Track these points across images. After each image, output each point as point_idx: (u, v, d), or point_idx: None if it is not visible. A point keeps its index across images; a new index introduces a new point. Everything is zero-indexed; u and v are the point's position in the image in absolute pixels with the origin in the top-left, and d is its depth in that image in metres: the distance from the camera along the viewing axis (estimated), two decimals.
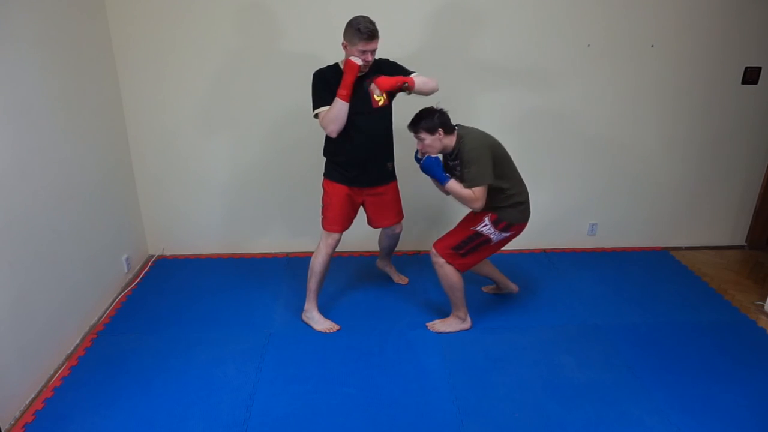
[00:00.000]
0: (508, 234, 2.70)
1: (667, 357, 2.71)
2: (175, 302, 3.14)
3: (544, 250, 3.84)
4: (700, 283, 3.43)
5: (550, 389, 2.49)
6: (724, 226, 3.90)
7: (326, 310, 3.02)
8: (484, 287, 3.30)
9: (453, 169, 2.62)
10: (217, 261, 3.65)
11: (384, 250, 3.28)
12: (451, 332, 2.88)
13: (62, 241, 2.64)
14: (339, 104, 2.49)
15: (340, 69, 2.55)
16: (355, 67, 2.45)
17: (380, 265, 3.42)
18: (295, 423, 2.28)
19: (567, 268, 3.58)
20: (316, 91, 2.57)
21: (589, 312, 3.09)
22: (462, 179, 2.54)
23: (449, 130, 2.55)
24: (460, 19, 3.21)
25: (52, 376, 2.53)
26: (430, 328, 2.91)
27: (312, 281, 2.87)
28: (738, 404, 2.41)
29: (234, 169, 3.50)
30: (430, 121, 2.50)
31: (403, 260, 3.61)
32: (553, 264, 3.65)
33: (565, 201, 3.71)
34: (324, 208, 2.82)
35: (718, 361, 2.69)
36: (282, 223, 3.68)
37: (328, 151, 2.77)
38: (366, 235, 3.31)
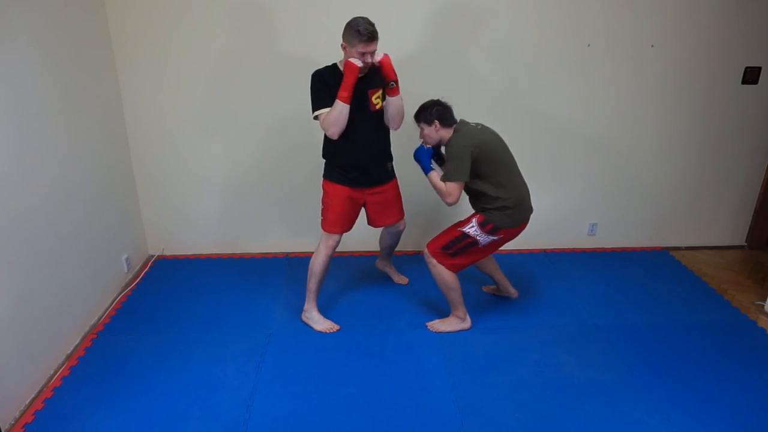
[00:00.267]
0: (496, 237, 2.67)
1: (667, 357, 2.71)
2: (175, 302, 3.14)
3: (544, 250, 3.84)
4: (700, 283, 3.43)
5: (550, 389, 2.49)
6: (724, 226, 3.90)
7: (326, 310, 3.02)
8: (485, 287, 3.30)
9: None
10: (217, 261, 3.65)
11: (385, 250, 3.28)
12: (450, 332, 2.88)
13: (62, 241, 2.64)
14: (340, 106, 2.48)
15: (339, 70, 2.55)
16: (355, 68, 2.44)
17: (380, 266, 3.42)
18: (295, 423, 2.28)
19: (567, 268, 3.58)
20: (316, 93, 2.56)
21: (589, 312, 3.09)
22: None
23: (446, 124, 2.61)
24: (459, 20, 3.21)
25: (52, 376, 2.53)
26: (430, 328, 2.91)
27: (312, 282, 2.86)
28: (738, 404, 2.41)
29: (234, 169, 3.50)
30: (428, 114, 2.60)
31: (403, 260, 3.61)
32: (553, 264, 3.65)
33: (565, 201, 3.71)
34: (324, 210, 2.81)
35: (718, 361, 2.69)
36: (282, 223, 3.68)
37: (328, 152, 2.76)
38: (366, 235, 3.31)
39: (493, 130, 2.69)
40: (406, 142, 3.05)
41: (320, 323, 2.90)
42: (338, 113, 2.49)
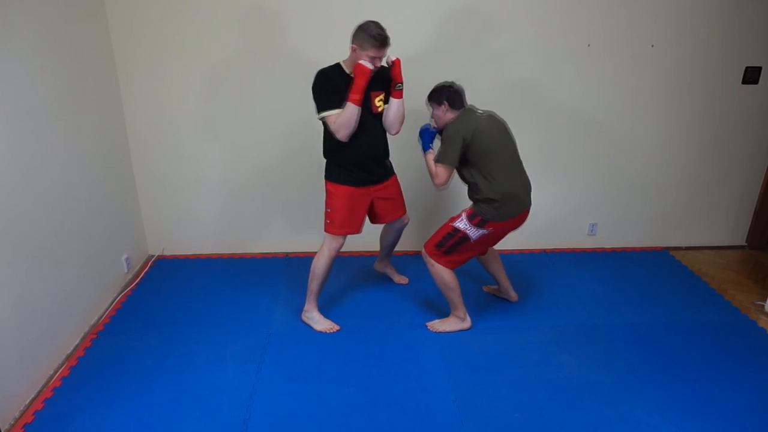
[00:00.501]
0: (485, 231, 2.65)
1: (667, 357, 2.71)
2: (175, 302, 3.14)
3: (544, 250, 3.84)
4: (700, 283, 3.43)
5: (550, 389, 2.49)
6: (724, 226, 3.90)
7: (326, 310, 3.02)
8: (485, 287, 3.31)
9: None
10: (217, 261, 3.65)
11: (386, 249, 3.27)
12: (450, 332, 2.88)
13: (62, 241, 2.64)
14: (351, 108, 2.48)
15: (344, 70, 2.55)
16: (367, 71, 2.46)
17: (379, 268, 3.41)
18: (295, 423, 2.28)
19: (567, 268, 3.58)
20: (323, 93, 2.52)
21: (589, 312, 3.09)
22: None
23: (455, 107, 2.63)
24: (459, 20, 3.21)
25: (52, 377, 2.53)
26: (430, 328, 2.91)
27: (314, 283, 2.86)
28: (738, 404, 2.41)
29: (234, 169, 3.50)
30: (439, 95, 2.64)
31: (403, 260, 3.61)
32: (553, 264, 3.65)
33: (565, 201, 3.71)
34: (331, 213, 2.76)
35: (718, 361, 2.69)
36: (282, 223, 3.68)
37: (332, 153, 2.72)
38: (366, 235, 3.30)
39: (500, 121, 2.67)
40: (403, 144, 3.05)
41: (320, 323, 2.90)
42: (350, 116, 2.49)
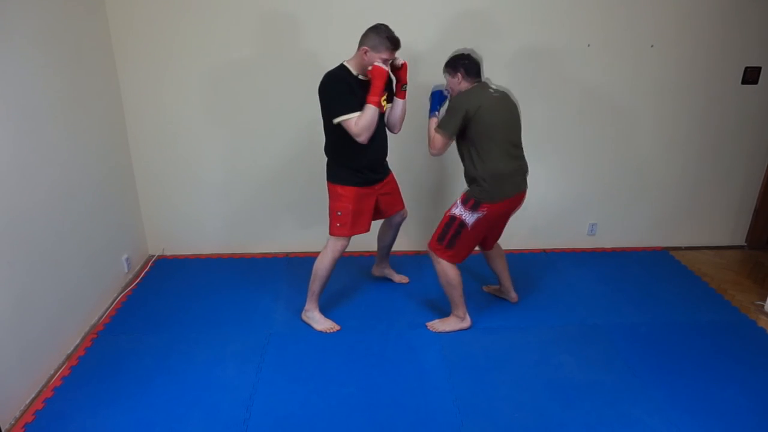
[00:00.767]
0: (480, 214, 2.63)
1: (667, 357, 2.71)
2: (175, 302, 3.14)
3: (544, 250, 3.84)
4: (700, 283, 3.43)
5: (550, 389, 2.49)
6: (724, 226, 3.90)
7: (326, 310, 3.02)
8: (485, 287, 3.31)
9: None
10: (217, 261, 3.65)
11: (383, 250, 3.27)
12: (450, 332, 2.88)
13: (62, 241, 2.64)
14: (372, 110, 2.49)
15: (351, 72, 2.55)
16: (385, 73, 2.48)
17: (377, 272, 3.40)
18: (295, 423, 2.28)
19: (567, 268, 3.58)
20: (341, 96, 2.49)
21: (589, 312, 3.09)
22: None
23: (470, 77, 2.61)
24: (458, 20, 3.22)
25: (53, 376, 2.53)
26: (430, 328, 2.91)
27: (315, 284, 2.86)
28: (738, 404, 2.41)
29: (234, 169, 3.50)
30: (454, 64, 2.63)
31: (403, 260, 3.61)
32: (553, 264, 3.65)
33: (565, 201, 3.71)
34: (342, 216, 2.73)
35: (718, 361, 2.69)
36: (282, 223, 3.68)
37: (342, 155, 2.68)
38: (366, 235, 3.31)
39: (511, 102, 2.65)
40: (403, 144, 3.05)
41: (321, 323, 2.90)
42: (372, 118, 2.49)
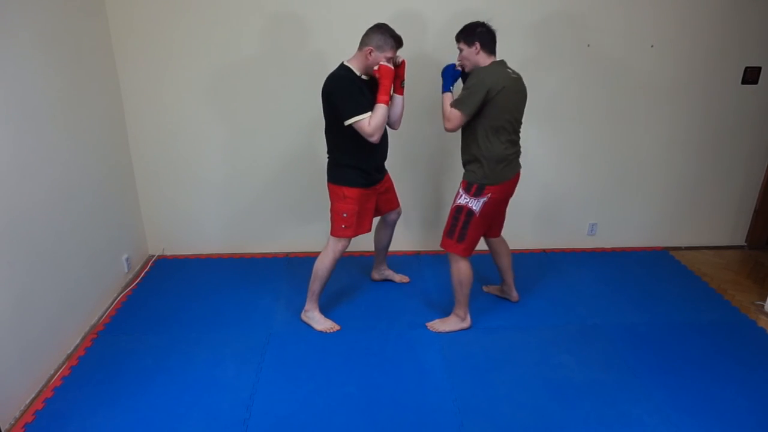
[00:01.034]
0: (485, 198, 2.61)
1: (667, 357, 2.71)
2: (175, 302, 3.14)
3: (544, 250, 3.84)
4: (699, 283, 3.43)
5: (550, 389, 2.49)
6: (724, 226, 3.90)
7: (326, 310, 3.02)
8: (485, 287, 3.30)
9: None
10: (217, 261, 3.65)
11: (381, 252, 3.27)
12: (450, 332, 2.88)
13: (62, 241, 2.64)
14: (383, 109, 2.50)
15: (354, 72, 2.55)
16: (392, 72, 2.50)
17: (377, 275, 3.39)
18: (295, 423, 2.28)
19: (567, 268, 3.58)
20: (353, 97, 2.48)
21: (589, 312, 3.09)
22: None
23: (487, 49, 2.53)
24: (458, 20, 3.21)
25: (53, 376, 2.53)
26: (430, 328, 2.91)
27: (316, 284, 2.86)
28: (738, 404, 2.41)
29: (234, 169, 3.50)
30: (470, 34, 2.52)
31: (403, 260, 3.61)
32: (553, 264, 3.65)
33: (565, 201, 3.71)
34: (348, 217, 2.72)
35: (718, 361, 2.69)
36: (282, 223, 3.68)
37: (352, 157, 2.65)
38: (366, 235, 3.31)
39: (523, 86, 2.60)
40: (404, 145, 3.05)
41: (321, 323, 2.90)
42: (384, 117, 2.51)
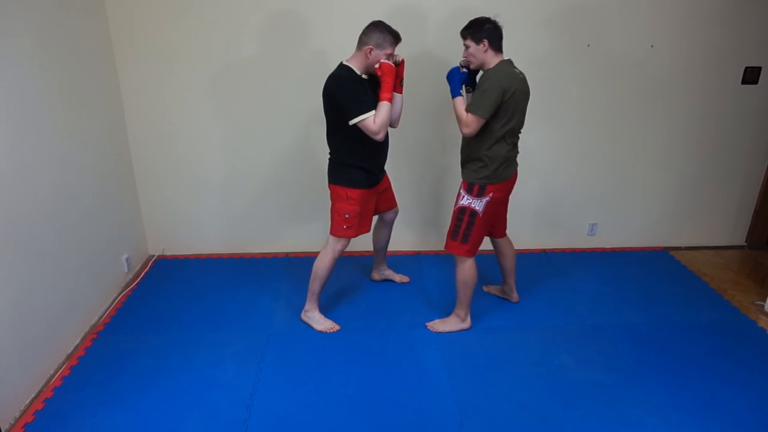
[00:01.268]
0: (488, 198, 2.61)
1: (667, 357, 2.71)
2: (175, 302, 3.14)
3: (544, 250, 3.84)
4: (699, 283, 3.43)
5: (550, 389, 2.49)
6: (724, 226, 3.90)
7: (326, 310, 3.02)
8: (485, 287, 3.30)
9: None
10: (217, 261, 3.65)
11: (380, 252, 3.27)
12: (450, 332, 2.88)
13: (62, 241, 2.64)
14: (387, 107, 2.50)
15: (355, 72, 2.54)
16: (394, 69, 2.51)
17: (377, 275, 3.39)
18: (295, 423, 2.28)
19: (567, 268, 3.58)
20: (357, 96, 2.47)
21: (589, 312, 3.09)
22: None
23: (495, 47, 2.49)
24: (458, 20, 3.21)
25: (53, 376, 2.53)
26: (430, 328, 2.91)
27: (315, 284, 2.86)
28: (738, 404, 2.41)
29: (234, 169, 3.50)
30: (478, 30, 2.47)
31: (403, 260, 3.61)
32: (553, 264, 3.65)
33: (564, 201, 3.71)
34: (350, 218, 2.71)
35: (718, 361, 2.69)
36: (282, 223, 3.68)
37: (357, 158, 2.64)
38: (365, 235, 3.31)
39: (528, 87, 2.59)
40: (404, 145, 3.05)
41: (321, 323, 2.90)
42: (388, 115, 2.51)
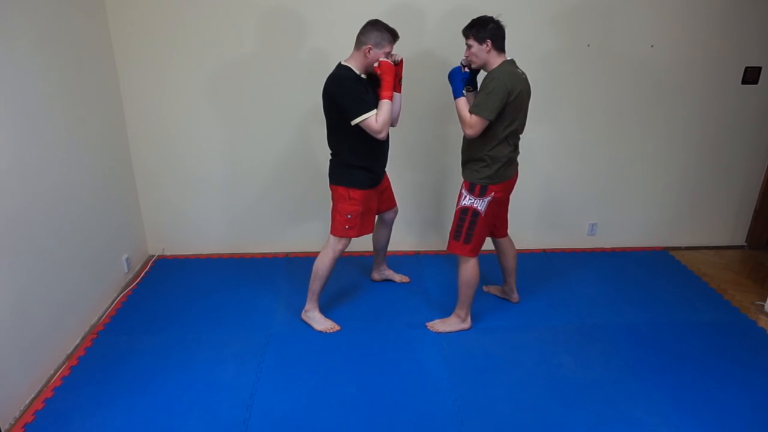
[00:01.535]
0: (490, 198, 2.61)
1: (667, 357, 2.71)
2: (175, 302, 3.14)
3: (544, 250, 3.84)
4: (699, 283, 3.43)
5: (550, 389, 2.49)
6: (724, 226, 3.90)
7: (326, 310, 3.02)
8: (485, 286, 3.30)
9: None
10: (217, 261, 3.65)
11: (380, 252, 3.27)
12: (450, 332, 2.88)
13: (62, 241, 2.64)
14: (389, 105, 2.50)
15: (355, 71, 2.54)
16: (393, 68, 2.51)
17: (378, 275, 3.39)
18: (295, 423, 2.28)
19: (567, 268, 3.58)
20: (359, 96, 2.47)
21: (589, 312, 3.09)
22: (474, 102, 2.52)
23: (498, 47, 2.48)
24: (457, 19, 3.21)
25: (52, 376, 2.53)
26: (430, 328, 2.91)
27: (316, 283, 2.86)
28: (738, 404, 2.41)
29: (234, 169, 3.50)
30: (482, 30, 2.45)
31: (403, 260, 3.61)
32: (553, 264, 3.65)
33: (565, 201, 3.71)
34: (353, 218, 2.71)
35: (718, 361, 2.69)
36: (282, 223, 3.68)
37: (360, 158, 2.64)
38: (366, 235, 3.31)
39: (529, 86, 2.58)
40: (405, 145, 3.05)
41: (321, 323, 2.90)
42: (389, 113, 2.51)
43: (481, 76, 2.60)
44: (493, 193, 2.62)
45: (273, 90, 3.29)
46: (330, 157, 2.74)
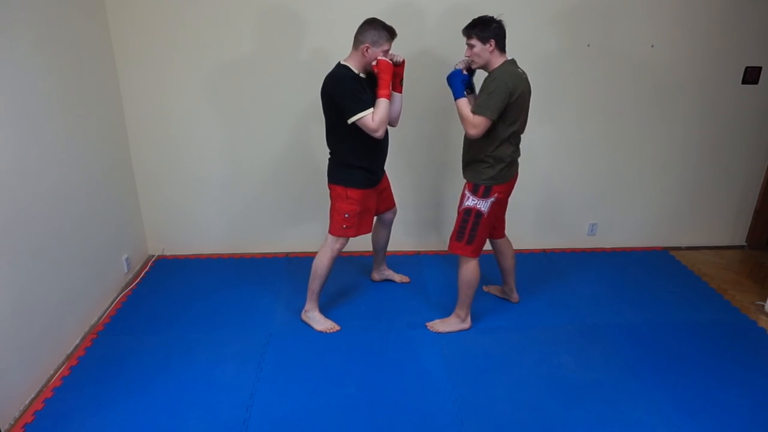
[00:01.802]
0: (493, 199, 2.61)
1: (667, 357, 2.71)
2: (175, 302, 3.14)
3: (544, 250, 3.84)
4: (700, 283, 3.43)
5: (550, 389, 2.49)
6: (724, 226, 3.90)
7: (326, 310, 3.02)
8: (485, 286, 3.30)
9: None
10: (217, 261, 3.65)
11: (380, 252, 3.27)
12: (450, 332, 2.88)
13: (62, 240, 2.64)
14: (386, 104, 2.50)
15: (353, 71, 2.54)
16: (391, 67, 2.50)
17: (377, 276, 3.38)
18: (295, 423, 2.28)
19: (567, 268, 3.58)
20: (356, 95, 2.47)
21: (589, 312, 3.09)
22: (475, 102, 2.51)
23: (500, 47, 2.47)
24: (457, 19, 3.21)
25: (52, 376, 2.53)
26: (430, 328, 2.91)
27: (315, 283, 2.86)
28: (738, 404, 2.41)
29: (234, 169, 3.50)
30: (485, 30, 2.42)
31: (403, 260, 3.61)
32: (553, 264, 3.65)
33: (564, 201, 3.71)
34: (350, 218, 2.71)
35: (718, 361, 2.69)
36: (282, 223, 3.68)
37: (358, 157, 2.64)
38: (365, 235, 3.31)
39: (529, 86, 2.57)
40: (404, 144, 3.04)
41: (321, 323, 2.90)
42: (386, 112, 2.50)
43: (478, 77, 2.60)
44: (496, 194, 2.62)
45: (273, 90, 3.29)
46: (329, 157, 2.74)
